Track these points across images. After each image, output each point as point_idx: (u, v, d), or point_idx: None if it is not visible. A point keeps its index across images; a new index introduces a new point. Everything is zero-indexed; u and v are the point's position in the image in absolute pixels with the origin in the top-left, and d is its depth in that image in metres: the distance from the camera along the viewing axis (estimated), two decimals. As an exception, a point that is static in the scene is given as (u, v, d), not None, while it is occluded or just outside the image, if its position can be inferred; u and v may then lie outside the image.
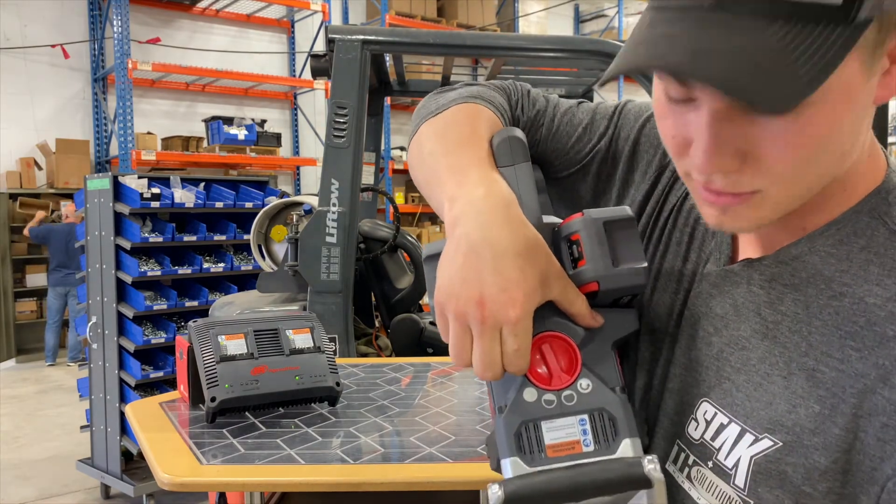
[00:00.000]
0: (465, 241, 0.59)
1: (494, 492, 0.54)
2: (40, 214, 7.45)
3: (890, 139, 6.99)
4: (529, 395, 0.59)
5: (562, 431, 0.58)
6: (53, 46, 8.27)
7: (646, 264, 0.62)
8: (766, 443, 0.56)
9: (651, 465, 0.54)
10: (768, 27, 0.47)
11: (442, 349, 2.80)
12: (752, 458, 0.57)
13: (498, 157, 0.67)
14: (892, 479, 0.50)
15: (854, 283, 0.55)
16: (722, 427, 0.59)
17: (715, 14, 0.48)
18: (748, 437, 0.57)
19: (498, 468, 0.58)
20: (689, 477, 0.61)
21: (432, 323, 2.99)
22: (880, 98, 0.53)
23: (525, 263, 0.58)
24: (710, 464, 0.60)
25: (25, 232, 7.40)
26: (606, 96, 11.62)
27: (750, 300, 0.61)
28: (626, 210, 0.63)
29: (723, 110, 0.51)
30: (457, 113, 0.73)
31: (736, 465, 0.58)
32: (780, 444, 0.55)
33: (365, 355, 3.07)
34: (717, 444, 0.59)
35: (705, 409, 0.61)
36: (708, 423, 0.61)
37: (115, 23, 7.89)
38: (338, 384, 1.75)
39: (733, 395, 0.59)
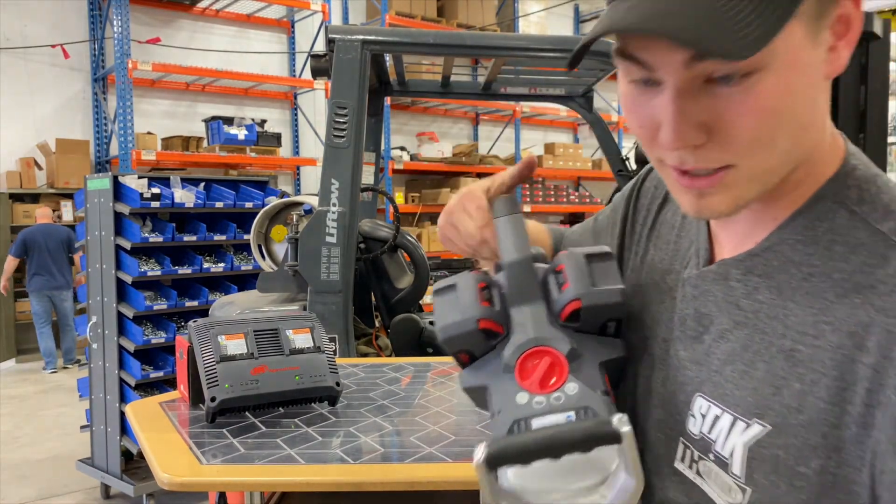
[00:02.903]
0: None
1: (480, 451, 0.59)
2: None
3: (890, 139, 6.99)
4: (521, 398, 0.65)
5: (549, 423, 0.63)
6: (53, 46, 8.27)
7: (622, 286, 0.69)
8: (756, 428, 0.58)
9: (619, 421, 0.58)
10: None
11: (442, 349, 2.80)
12: (745, 445, 0.59)
13: (495, 212, 0.81)
14: (882, 442, 0.51)
15: (821, 263, 0.58)
16: (716, 419, 0.62)
17: None
18: (740, 425, 0.59)
19: None
20: (698, 473, 0.64)
21: (432, 322, 2.99)
22: (829, 73, 0.57)
23: (469, 194, 0.86)
24: (711, 456, 0.62)
25: (8, 262, 7.11)
26: (606, 95, 11.62)
27: (729, 294, 0.64)
28: (604, 247, 0.72)
29: (684, 86, 0.55)
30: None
31: (732, 453, 0.60)
32: (770, 427, 0.57)
33: (365, 355, 3.07)
34: (713, 435, 0.62)
35: (700, 403, 0.64)
36: (704, 416, 0.63)
37: (115, 23, 7.89)
38: (338, 384, 1.75)
39: (723, 386, 0.62)
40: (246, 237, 4.14)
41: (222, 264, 4.46)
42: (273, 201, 3.62)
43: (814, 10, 0.53)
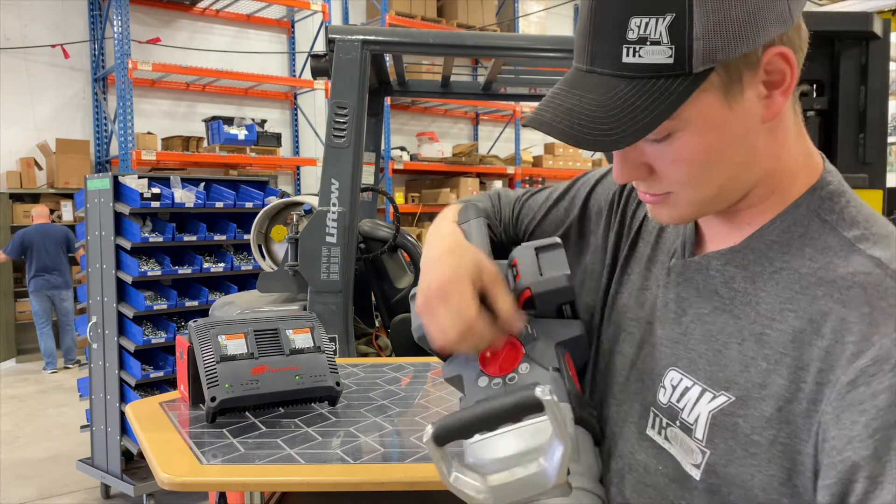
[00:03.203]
0: (425, 265, 0.83)
1: (427, 432, 0.65)
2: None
3: (890, 139, 6.98)
4: (482, 381, 0.76)
5: None
6: (53, 46, 8.27)
7: (568, 272, 0.79)
8: (721, 398, 0.66)
9: (541, 392, 0.63)
10: (620, 84, 0.62)
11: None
12: (710, 412, 0.67)
13: (460, 218, 0.90)
14: (827, 413, 0.58)
15: (792, 260, 0.67)
16: (686, 389, 0.70)
17: (588, 75, 0.65)
18: (707, 395, 0.68)
19: None
20: (666, 438, 0.72)
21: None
22: (767, 117, 0.65)
23: (456, 254, 0.81)
24: (677, 422, 0.70)
25: (1, 256, 7.09)
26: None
27: (709, 282, 0.72)
28: (554, 238, 0.82)
29: None
30: (449, 209, 0.98)
31: (696, 420, 0.68)
32: (734, 398, 0.65)
33: (365, 355, 3.07)
34: (681, 404, 0.70)
35: (672, 376, 0.73)
36: (674, 388, 0.72)
37: (115, 23, 7.89)
38: (338, 384, 1.75)
39: (696, 362, 0.70)
40: (246, 237, 4.14)
41: (222, 264, 4.46)
42: (273, 201, 3.62)
43: (722, 81, 0.62)
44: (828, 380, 0.59)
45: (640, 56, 0.61)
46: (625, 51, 0.62)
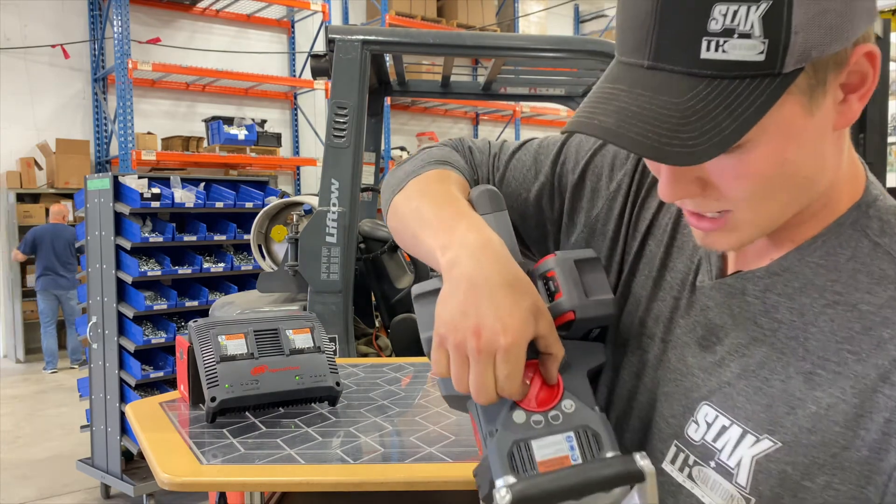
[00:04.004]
0: (463, 279, 0.64)
1: (502, 496, 0.57)
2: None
3: (890, 139, 6.98)
4: (518, 417, 0.64)
5: (551, 448, 0.62)
6: (53, 46, 8.27)
7: (613, 296, 0.69)
8: (766, 443, 0.59)
9: (643, 461, 0.58)
10: (697, 84, 0.52)
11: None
12: (753, 457, 0.60)
13: (477, 207, 0.75)
14: None
15: (846, 292, 0.59)
16: (724, 429, 0.62)
17: (651, 73, 0.54)
18: (749, 438, 0.60)
19: (489, 496, 0.61)
20: (690, 476, 0.65)
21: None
22: (840, 125, 0.57)
23: (517, 295, 0.63)
24: (712, 464, 0.63)
25: (15, 254, 7.28)
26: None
27: (746, 310, 0.64)
28: (592, 251, 0.72)
29: None
30: (430, 176, 0.80)
31: (738, 464, 0.61)
32: (780, 444, 0.59)
33: (365, 355, 3.07)
34: (719, 445, 0.62)
35: (706, 411, 0.64)
36: (709, 425, 0.64)
37: (115, 23, 7.89)
38: (338, 384, 1.75)
39: (734, 398, 0.63)
40: (246, 237, 4.14)
41: (222, 264, 4.46)
42: (273, 201, 3.62)
43: (808, 83, 0.53)
44: None
45: (723, 51, 0.51)
46: (705, 44, 0.51)
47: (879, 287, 0.58)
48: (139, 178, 3.94)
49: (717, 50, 0.51)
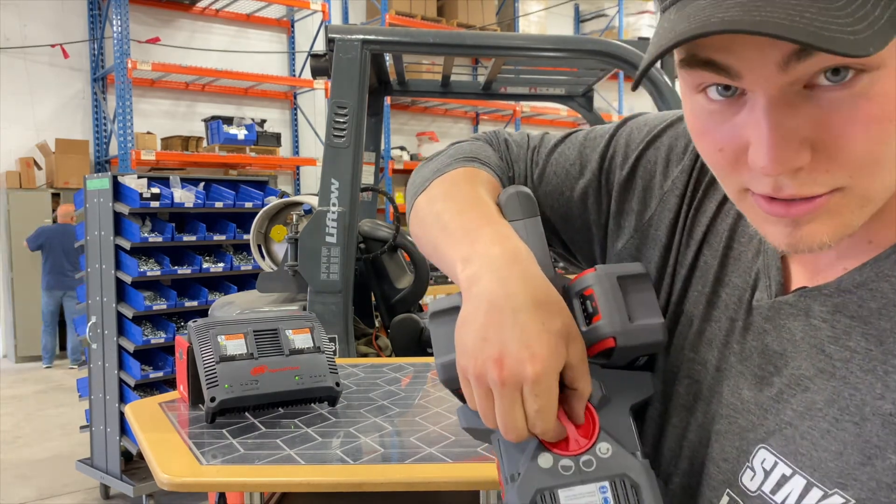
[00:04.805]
0: (484, 298, 0.56)
1: None
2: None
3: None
4: (545, 461, 0.55)
5: (581, 501, 0.54)
6: (53, 46, 8.27)
7: (662, 321, 0.60)
8: (836, 499, 0.49)
9: None
10: None
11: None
12: None
13: (507, 212, 0.66)
14: None
15: None
16: (784, 479, 0.52)
17: None
18: (816, 492, 0.50)
19: None
20: None
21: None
22: None
23: (546, 316, 0.55)
24: None
25: (24, 243, 7.46)
26: (606, 95, 11.62)
27: (811, 335, 0.53)
28: (640, 266, 0.62)
29: (781, 95, 0.45)
30: (456, 176, 0.71)
31: None
32: (853, 501, 0.48)
33: (365, 355, 3.06)
34: (778, 497, 0.52)
35: (763, 456, 0.54)
36: (767, 472, 0.53)
37: (114, 22, 7.89)
38: (338, 384, 1.75)
39: (797, 442, 0.52)
40: (246, 237, 4.14)
41: (222, 264, 4.46)
42: (273, 201, 3.62)
43: None
44: None
45: None
46: None
47: None
48: (138, 177, 3.94)
49: None
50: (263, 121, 9.01)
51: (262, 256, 3.45)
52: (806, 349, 0.53)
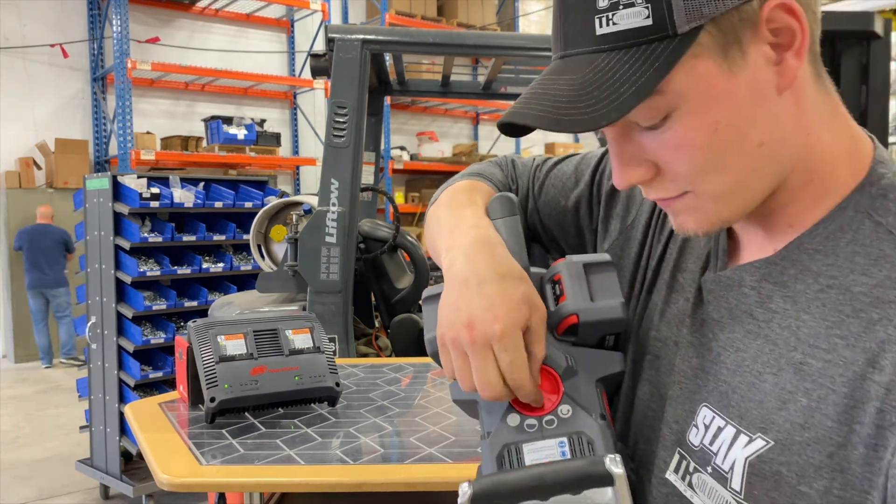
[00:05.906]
0: (457, 278, 0.66)
1: (464, 491, 0.56)
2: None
3: (890, 139, 6.98)
4: (512, 420, 0.63)
5: (542, 453, 0.61)
6: (53, 46, 8.26)
7: (622, 300, 0.67)
8: (759, 443, 0.56)
9: (612, 463, 0.55)
10: (596, 59, 0.55)
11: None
12: (746, 459, 0.56)
13: (490, 213, 0.75)
14: (894, 465, 0.48)
15: (840, 275, 0.56)
16: (719, 430, 0.59)
17: (563, 61, 0.57)
18: (742, 438, 0.57)
19: None
20: (690, 485, 0.61)
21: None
22: (781, 86, 0.56)
23: (508, 285, 0.64)
24: (708, 469, 0.59)
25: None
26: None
27: (742, 302, 0.62)
28: (605, 255, 0.71)
29: (619, 131, 0.59)
30: (459, 187, 0.83)
31: (732, 467, 0.57)
32: (772, 442, 0.55)
33: (365, 355, 3.06)
34: (714, 447, 0.59)
35: (704, 413, 0.62)
36: (706, 427, 0.61)
37: (114, 22, 7.89)
38: (337, 384, 1.75)
39: (729, 396, 0.60)
40: (245, 237, 4.14)
41: (222, 264, 4.45)
42: (272, 201, 3.61)
43: (716, 43, 0.53)
44: (890, 422, 0.49)
45: (614, 23, 0.53)
46: (597, 22, 0.54)
47: (875, 268, 0.54)
48: (138, 177, 3.94)
49: (608, 24, 0.54)
50: (263, 121, 9.00)
51: (262, 256, 3.44)
52: (738, 315, 0.62)
